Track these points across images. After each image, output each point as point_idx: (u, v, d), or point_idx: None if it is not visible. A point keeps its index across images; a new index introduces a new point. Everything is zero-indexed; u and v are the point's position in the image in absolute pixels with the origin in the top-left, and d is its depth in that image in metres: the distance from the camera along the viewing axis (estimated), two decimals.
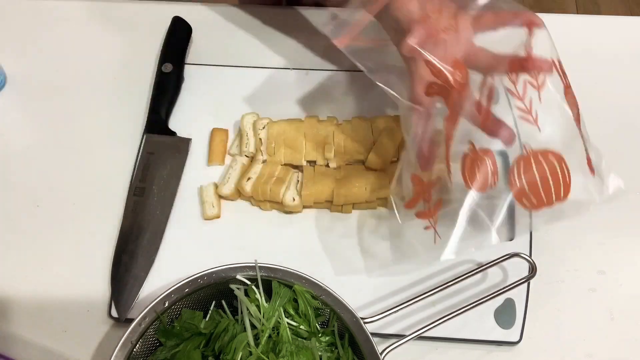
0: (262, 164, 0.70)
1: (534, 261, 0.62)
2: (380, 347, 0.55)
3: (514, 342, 0.63)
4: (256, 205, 0.70)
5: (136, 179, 0.70)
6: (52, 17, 0.85)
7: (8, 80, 0.79)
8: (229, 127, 0.75)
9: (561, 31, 0.85)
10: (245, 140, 0.71)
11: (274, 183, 0.67)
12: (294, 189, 0.68)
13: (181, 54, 0.79)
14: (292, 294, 0.57)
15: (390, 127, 0.69)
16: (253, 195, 0.67)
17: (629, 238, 0.70)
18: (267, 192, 0.66)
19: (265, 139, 0.70)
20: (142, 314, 0.55)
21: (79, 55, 0.81)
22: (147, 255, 0.66)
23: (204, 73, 0.78)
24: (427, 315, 0.64)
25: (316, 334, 0.57)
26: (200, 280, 0.58)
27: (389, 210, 0.69)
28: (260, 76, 0.78)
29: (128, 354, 0.54)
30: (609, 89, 0.80)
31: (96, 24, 0.84)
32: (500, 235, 0.56)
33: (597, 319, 0.65)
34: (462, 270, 0.64)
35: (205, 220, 0.69)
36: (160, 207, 0.69)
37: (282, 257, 0.61)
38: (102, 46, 0.82)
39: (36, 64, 0.81)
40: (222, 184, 0.69)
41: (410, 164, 0.61)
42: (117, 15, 0.85)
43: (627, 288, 0.67)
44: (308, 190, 0.67)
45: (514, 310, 0.64)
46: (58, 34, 0.83)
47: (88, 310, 0.65)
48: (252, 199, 0.69)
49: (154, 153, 0.71)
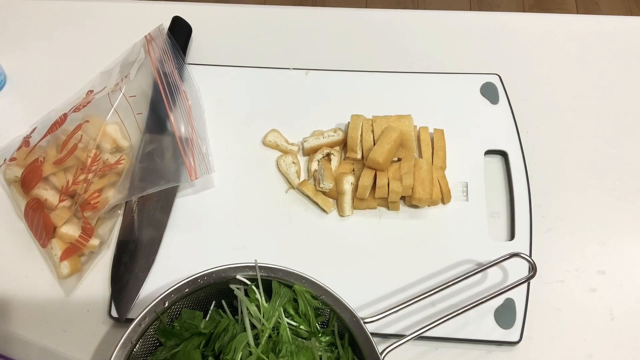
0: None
1: (534, 261, 0.62)
2: (380, 347, 0.55)
3: (514, 342, 0.63)
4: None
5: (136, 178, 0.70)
6: (52, 17, 0.85)
7: (8, 80, 0.79)
8: (227, 126, 0.75)
9: (561, 31, 0.85)
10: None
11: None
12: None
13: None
14: (292, 294, 0.57)
15: (390, 127, 0.69)
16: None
17: (629, 238, 0.70)
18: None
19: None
20: (142, 314, 0.55)
21: (79, 55, 0.82)
22: (147, 255, 0.66)
23: (204, 73, 0.78)
24: (427, 315, 0.64)
25: (316, 334, 0.57)
26: (200, 280, 0.58)
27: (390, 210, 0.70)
28: (260, 76, 0.78)
29: (128, 354, 0.54)
30: (609, 89, 0.80)
31: (96, 24, 0.84)
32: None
33: (597, 319, 0.65)
34: (462, 270, 0.64)
35: (206, 220, 0.69)
36: (160, 207, 0.69)
37: (282, 257, 0.61)
38: (102, 46, 0.82)
39: (36, 64, 0.81)
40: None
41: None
42: (117, 15, 0.85)
43: (627, 288, 0.67)
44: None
45: (514, 310, 0.64)
46: (58, 34, 0.83)
47: (88, 310, 0.65)
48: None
49: (154, 152, 0.71)
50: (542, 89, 0.80)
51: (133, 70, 0.72)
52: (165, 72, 0.72)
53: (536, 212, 0.70)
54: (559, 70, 0.81)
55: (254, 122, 0.75)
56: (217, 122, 0.75)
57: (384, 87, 0.78)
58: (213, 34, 0.83)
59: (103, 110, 0.69)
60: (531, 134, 0.76)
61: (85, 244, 0.65)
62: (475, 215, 0.69)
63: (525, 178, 0.71)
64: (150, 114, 0.72)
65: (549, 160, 0.74)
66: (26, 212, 0.67)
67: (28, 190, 0.67)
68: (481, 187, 0.71)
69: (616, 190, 0.73)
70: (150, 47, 0.74)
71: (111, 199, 0.67)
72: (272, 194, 0.71)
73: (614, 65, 0.82)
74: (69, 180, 0.66)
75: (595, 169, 0.74)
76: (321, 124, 0.75)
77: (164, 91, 0.70)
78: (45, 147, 0.69)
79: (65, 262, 0.64)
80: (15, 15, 0.85)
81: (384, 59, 0.82)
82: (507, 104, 0.76)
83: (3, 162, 0.70)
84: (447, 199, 0.69)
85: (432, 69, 0.80)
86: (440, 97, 0.77)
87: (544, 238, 0.69)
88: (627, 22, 0.87)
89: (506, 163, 0.73)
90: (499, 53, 0.83)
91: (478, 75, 0.78)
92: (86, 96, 0.73)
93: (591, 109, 0.79)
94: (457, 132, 0.74)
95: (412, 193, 0.67)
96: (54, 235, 0.65)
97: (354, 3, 1.83)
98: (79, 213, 0.66)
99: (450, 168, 0.71)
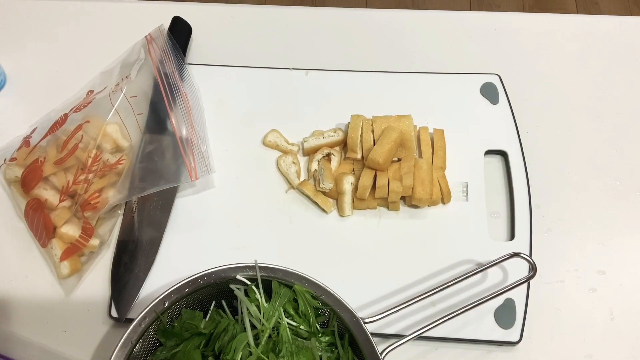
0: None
1: (534, 261, 0.62)
2: (380, 347, 0.55)
3: (514, 342, 0.63)
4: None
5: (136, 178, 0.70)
6: (52, 17, 0.85)
7: (8, 80, 0.79)
8: (227, 126, 0.75)
9: (561, 31, 0.85)
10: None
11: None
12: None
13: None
14: (292, 294, 0.57)
15: (390, 127, 0.69)
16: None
17: (629, 238, 0.70)
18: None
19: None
20: (142, 314, 0.55)
21: (79, 55, 0.82)
22: (147, 255, 0.66)
23: (204, 73, 0.78)
24: (427, 315, 0.64)
25: (316, 334, 0.57)
26: (200, 280, 0.57)
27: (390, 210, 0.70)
28: (260, 76, 0.78)
29: (128, 354, 0.54)
30: (609, 89, 0.80)
31: (96, 24, 0.84)
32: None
33: (597, 319, 0.65)
34: (462, 270, 0.64)
35: (206, 220, 0.69)
36: (160, 207, 0.69)
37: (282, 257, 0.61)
38: (102, 46, 0.82)
39: (36, 64, 0.81)
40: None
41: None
42: (117, 15, 0.85)
43: (627, 288, 0.67)
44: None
45: (514, 310, 0.64)
46: (58, 34, 0.83)
47: (88, 310, 0.65)
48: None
49: (154, 152, 0.71)
50: (542, 89, 0.80)
51: (134, 70, 0.72)
52: (166, 72, 0.72)
53: (536, 212, 0.70)
54: (559, 70, 0.81)
55: (254, 122, 0.75)
56: (217, 122, 0.75)
57: (384, 87, 0.78)
58: (213, 34, 0.83)
59: (104, 110, 0.69)
60: (531, 134, 0.76)
61: (86, 244, 0.65)
62: (475, 215, 0.69)
63: (525, 178, 0.71)
64: (151, 114, 0.72)
65: (549, 160, 0.74)
66: (26, 212, 0.67)
67: (28, 190, 0.67)
68: (481, 187, 0.71)
69: (616, 190, 0.73)
70: (150, 48, 0.74)
71: (111, 199, 0.67)
72: (272, 194, 0.71)
73: (614, 65, 0.82)
74: (70, 180, 0.66)
75: (595, 169, 0.74)
76: (321, 124, 0.75)
77: (165, 91, 0.70)
78: (46, 147, 0.69)
79: (65, 262, 0.64)
80: (15, 15, 0.85)
81: (384, 59, 0.82)
82: (507, 104, 0.76)
83: (3, 162, 0.70)
84: (447, 199, 0.69)
85: (432, 69, 0.80)
86: (440, 97, 0.77)
87: (544, 238, 0.69)
88: (627, 22, 0.87)
89: (506, 163, 0.73)
90: (499, 53, 0.83)
91: (478, 75, 0.78)
92: (86, 96, 0.73)
93: (591, 109, 0.79)
94: (457, 132, 0.74)
95: (412, 193, 0.67)
96: (54, 235, 0.65)
97: (354, 3, 1.84)
98: (79, 213, 0.66)
99: (450, 168, 0.71)
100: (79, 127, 0.68)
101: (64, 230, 0.65)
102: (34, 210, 0.66)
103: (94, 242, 0.66)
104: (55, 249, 0.65)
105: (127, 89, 0.69)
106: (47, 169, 0.67)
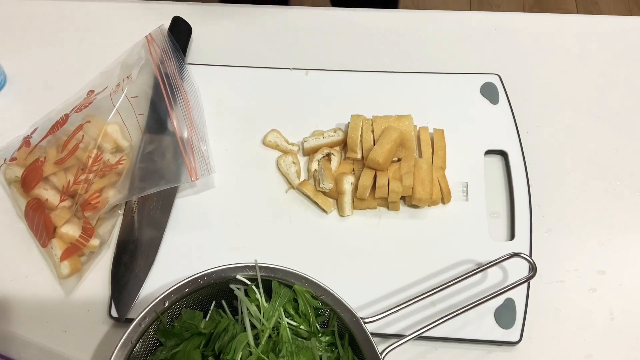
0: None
1: (534, 261, 0.62)
2: (380, 347, 0.55)
3: (514, 342, 0.63)
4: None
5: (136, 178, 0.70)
6: (53, 17, 0.85)
7: (8, 80, 0.79)
8: (227, 126, 0.75)
9: (561, 31, 0.85)
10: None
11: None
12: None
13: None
14: (292, 294, 0.57)
15: (390, 127, 0.69)
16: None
17: (629, 238, 0.70)
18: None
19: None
20: (142, 314, 0.55)
21: (79, 55, 0.82)
22: (147, 255, 0.66)
23: (204, 73, 0.78)
24: (427, 315, 0.64)
25: (316, 334, 0.57)
26: (200, 280, 0.58)
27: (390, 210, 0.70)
28: (260, 76, 0.78)
29: (128, 354, 0.54)
30: (609, 89, 0.80)
31: (96, 24, 0.84)
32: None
33: (597, 319, 0.65)
34: (462, 270, 0.64)
35: (206, 220, 0.69)
36: (160, 207, 0.69)
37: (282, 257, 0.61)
38: (102, 46, 0.82)
39: (36, 64, 0.81)
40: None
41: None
42: (117, 15, 0.85)
43: (627, 288, 0.67)
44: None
45: (514, 310, 0.64)
46: (58, 34, 0.83)
47: (88, 310, 0.65)
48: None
49: (154, 153, 0.71)
50: (542, 89, 0.80)
51: (135, 70, 0.72)
52: (167, 72, 0.72)
53: (536, 212, 0.70)
54: (559, 70, 0.81)
55: (254, 122, 0.75)
56: (217, 122, 0.75)
57: (384, 87, 0.78)
58: (213, 34, 0.83)
59: (105, 110, 0.69)
60: (531, 134, 0.76)
61: (86, 244, 0.65)
62: (475, 215, 0.69)
63: (525, 178, 0.71)
64: (151, 114, 0.72)
65: (549, 160, 0.74)
66: (26, 212, 0.67)
67: (28, 190, 0.67)
68: (481, 187, 0.71)
69: (616, 190, 0.73)
70: (151, 48, 0.74)
71: (111, 199, 0.67)
72: (272, 194, 0.71)
73: (614, 65, 0.82)
74: (70, 180, 0.66)
75: (595, 169, 0.74)
76: (321, 124, 0.75)
77: (166, 91, 0.70)
78: (46, 147, 0.69)
79: (65, 262, 0.64)
80: (15, 16, 0.85)
81: (384, 59, 0.82)
82: (507, 104, 0.76)
83: (3, 162, 0.70)
84: (447, 199, 0.69)
85: (432, 69, 0.80)
86: (440, 97, 0.77)
87: (544, 238, 0.69)
88: (627, 22, 0.87)
89: (506, 163, 0.73)
90: (499, 53, 0.83)
91: (478, 75, 0.78)
92: (87, 96, 0.73)
93: (591, 109, 0.79)
94: (457, 132, 0.74)
95: (412, 193, 0.67)
96: (54, 235, 0.65)
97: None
98: (80, 213, 0.66)
99: (450, 168, 0.71)
100: (80, 127, 0.68)
101: (64, 230, 0.65)
102: (34, 210, 0.66)
103: (94, 242, 0.66)
104: (55, 249, 0.65)
105: (129, 89, 0.69)
106: (48, 169, 0.67)
